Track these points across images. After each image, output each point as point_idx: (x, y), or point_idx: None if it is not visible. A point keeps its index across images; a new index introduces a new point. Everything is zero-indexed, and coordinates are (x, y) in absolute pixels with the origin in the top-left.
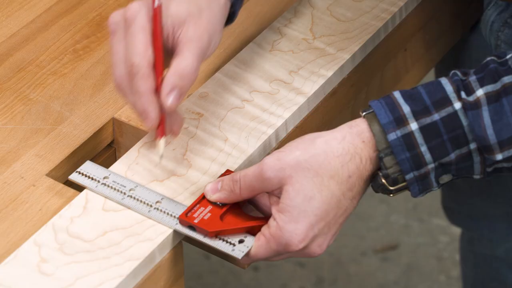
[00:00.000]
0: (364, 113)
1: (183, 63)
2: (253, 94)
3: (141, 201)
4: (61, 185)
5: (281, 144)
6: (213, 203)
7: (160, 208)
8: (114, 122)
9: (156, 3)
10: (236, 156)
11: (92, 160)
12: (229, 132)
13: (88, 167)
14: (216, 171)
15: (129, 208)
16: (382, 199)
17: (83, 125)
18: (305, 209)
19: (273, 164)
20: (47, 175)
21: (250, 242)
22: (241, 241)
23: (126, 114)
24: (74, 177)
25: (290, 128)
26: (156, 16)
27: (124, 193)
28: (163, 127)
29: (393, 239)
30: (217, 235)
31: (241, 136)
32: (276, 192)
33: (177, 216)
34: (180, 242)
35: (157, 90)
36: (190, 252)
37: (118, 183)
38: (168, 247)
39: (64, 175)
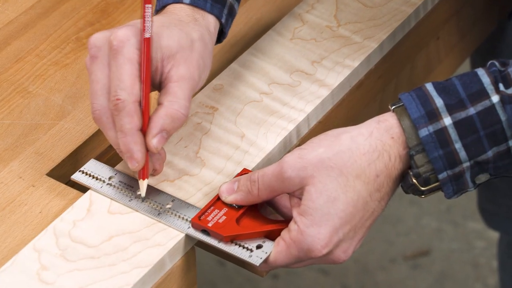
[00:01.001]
0: (393, 107)
1: (175, 105)
2: (272, 87)
3: (150, 203)
4: (62, 186)
5: (303, 141)
6: (229, 205)
7: (171, 210)
8: None
9: (147, 34)
10: (253, 154)
11: (97, 158)
12: (246, 127)
13: (92, 166)
14: (231, 171)
15: (137, 210)
16: (412, 201)
17: (86, 120)
18: (329, 211)
19: (294, 162)
20: (48, 174)
21: (269, 248)
22: (259, 247)
23: None
24: (77, 176)
25: (313, 123)
26: (145, 49)
27: (132, 195)
28: (147, 167)
29: (424, 244)
30: (233, 240)
31: (259, 132)
32: (297, 193)
33: (189, 219)
34: (192, 247)
35: (143, 128)
36: (203, 258)
37: (125, 184)
38: (179, 253)
39: (66, 174)
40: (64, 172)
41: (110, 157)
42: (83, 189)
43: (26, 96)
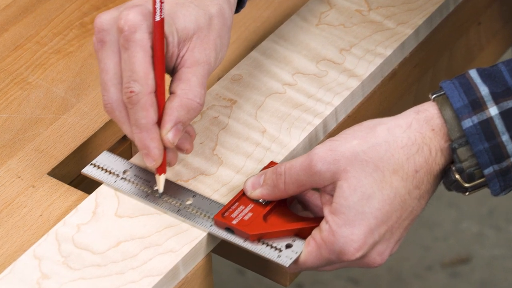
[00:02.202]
0: (433, 96)
1: (190, 94)
2: (296, 77)
3: (168, 199)
4: (65, 186)
5: (330, 137)
6: (255, 201)
7: (191, 207)
8: None
9: (158, 16)
10: (276, 151)
11: None
12: (268, 122)
13: (105, 158)
14: (251, 169)
15: (154, 207)
16: (451, 203)
17: (92, 113)
18: (363, 210)
19: (325, 155)
20: (49, 174)
21: (299, 247)
22: (288, 246)
23: None
24: (88, 170)
25: (341, 117)
26: (158, 33)
27: (148, 190)
28: (164, 163)
29: (464, 250)
30: (259, 238)
31: (282, 127)
32: (328, 188)
33: (211, 216)
34: (208, 254)
35: (158, 120)
36: (221, 266)
37: (140, 178)
38: (194, 260)
39: (69, 173)
40: (67, 171)
41: (119, 154)
42: (88, 190)
43: (25, 88)
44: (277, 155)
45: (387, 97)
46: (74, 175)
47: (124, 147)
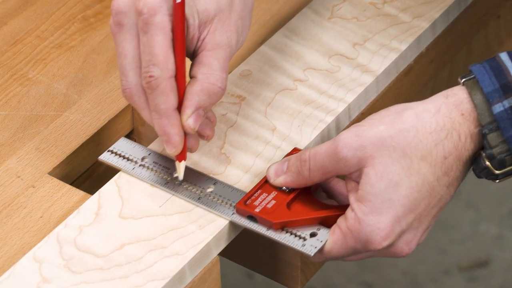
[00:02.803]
0: (463, 80)
1: (211, 78)
2: (307, 73)
3: (189, 187)
4: (67, 186)
5: None
6: (278, 188)
7: (212, 194)
8: (134, 108)
9: None
10: (286, 150)
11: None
12: (278, 119)
13: (123, 144)
14: (261, 169)
15: (173, 194)
16: (469, 204)
17: (95, 111)
18: (390, 197)
19: (350, 140)
20: (50, 173)
21: (324, 236)
22: (313, 235)
23: None
24: (105, 157)
25: (354, 114)
26: (178, 15)
27: (168, 177)
28: (185, 149)
29: (482, 253)
30: (283, 227)
31: (292, 124)
32: (354, 175)
33: (233, 204)
34: (216, 257)
35: (178, 106)
36: (229, 270)
37: (160, 165)
38: (201, 263)
39: (71, 173)
40: (68, 171)
41: None
42: (90, 190)
43: (25, 84)
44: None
45: (402, 93)
46: (76, 175)
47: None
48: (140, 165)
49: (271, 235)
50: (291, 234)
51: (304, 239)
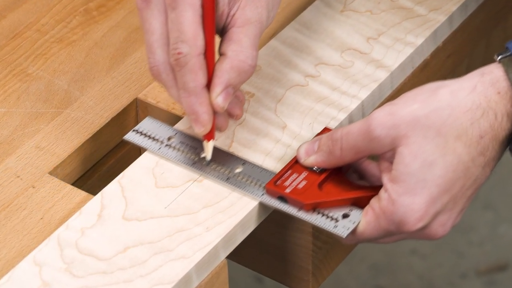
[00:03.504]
0: (499, 57)
1: (241, 56)
2: (319, 68)
3: (217, 167)
4: (68, 186)
5: None
6: (309, 169)
7: (241, 175)
8: (138, 104)
9: None
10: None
11: (111, 153)
12: (288, 117)
13: (149, 124)
14: (271, 168)
15: (201, 175)
16: (487, 205)
17: (97, 108)
18: (425, 177)
19: (384, 119)
20: (51, 173)
21: (357, 217)
22: (345, 216)
23: (153, 94)
24: (131, 137)
25: (368, 112)
26: None
27: (195, 157)
28: (213, 129)
29: (501, 257)
30: (314, 208)
31: (303, 122)
32: (387, 155)
33: (263, 185)
34: (224, 260)
35: (207, 84)
36: (237, 274)
37: (186, 145)
38: (208, 267)
39: (73, 173)
40: (70, 171)
41: (126, 152)
42: (93, 190)
43: (24, 79)
44: None
45: None
46: (77, 174)
47: (131, 145)
48: (166, 145)
49: (302, 216)
50: (323, 215)
51: (336, 220)
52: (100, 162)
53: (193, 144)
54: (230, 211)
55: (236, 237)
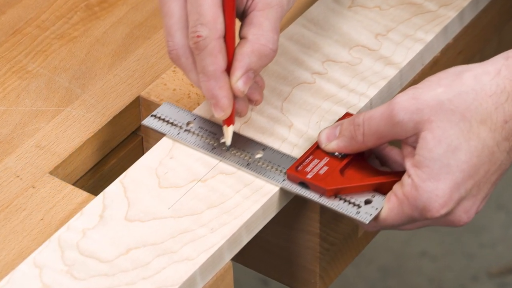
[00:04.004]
0: None
1: (262, 39)
2: (326, 65)
3: (237, 153)
4: (69, 187)
5: None
6: (330, 154)
7: (261, 160)
8: (141, 102)
9: None
10: (304, 148)
11: (113, 152)
12: (295, 115)
13: (167, 109)
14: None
15: (221, 160)
16: (499, 205)
17: (99, 106)
18: (449, 163)
19: (407, 103)
20: (51, 173)
21: (379, 203)
22: (367, 202)
23: (156, 92)
24: (149, 122)
25: None
26: None
27: (215, 142)
28: (233, 113)
29: None
30: (336, 194)
31: (310, 120)
32: (410, 140)
33: (284, 170)
34: (229, 263)
35: (227, 68)
36: (242, 276)
37: (206, 130)
38: (213, 269)
39: (74, 173)
40: (71, 170)
41: (128, 151)
42: (94, 191)
43: (24, 77)
44: (304, 152)
45: None
46: (79, 174)
47: (135, 143)
48: (185, 131)
49: (323, 202)
50: (345, 201)
51: (359, 206)
52: (102, 161)
53: (212, 129)
54: (235, 212)
55: (241, 239)
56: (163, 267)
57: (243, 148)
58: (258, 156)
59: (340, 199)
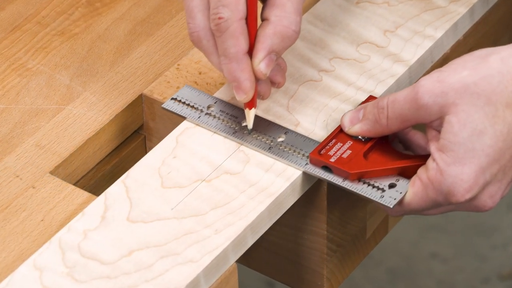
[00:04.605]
0: None
1: (285, 21)
2: (334, 62)
3: (258, 136)
4: (70, 187)
5: None
6: (354, 138)
7: (284, 144)
8: (144, 101)
9: None
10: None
11: (115, 151)
12: (301, 114)
13: (187, 92)
14: (282, 168)
15: (242, 144)
16: (510, 206)
17: (100, 104)
18: (474, 147)
19: (432, 86)
20: (52, 173)
21: (403, 187)
22: (391, 186)
23: (159, 90)
24: (169, 105)
25: None
26: None
27: (236, 126)
28: (255, 96)
29: None
30: (360, 177)
31: (317, 119)
32: (435, 124)
33: (306, 154)
34: (234, 265)
35: (249, 50)
36: (247, 278)
37: (227, 113)
38: (217, 271)
39: (75, 172)
40: (72, 170)
41: (131, 150)
42: (96, 191)
43: (24, 74)
44: None
45: None
46: (80, 174)
47: (137, 142)
48: (206, 114)
49: (347, 186)
50: (369, 185)
51: (383, 190)
52: (103, 161)
53: (234, 113)
54: (240, 213)
55: (246, 240)
56: (166, 269)
57: (264, 132)
58: (280, 139)
59: (364, 183)
